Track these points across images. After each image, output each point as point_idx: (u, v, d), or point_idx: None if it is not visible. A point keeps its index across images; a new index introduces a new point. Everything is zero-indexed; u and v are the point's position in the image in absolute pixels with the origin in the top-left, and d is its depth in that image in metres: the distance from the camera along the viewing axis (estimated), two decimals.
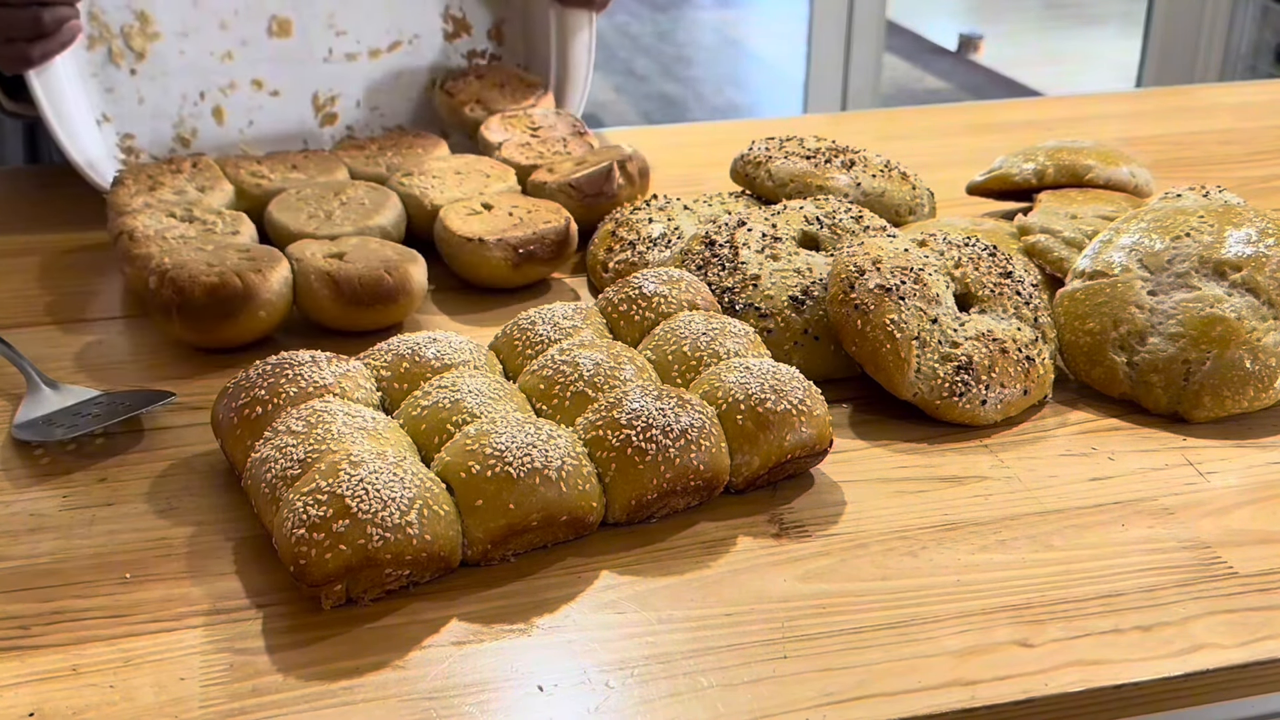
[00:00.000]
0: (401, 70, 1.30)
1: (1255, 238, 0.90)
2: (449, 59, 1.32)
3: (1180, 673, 0.66)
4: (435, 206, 1.07)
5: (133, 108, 1.20)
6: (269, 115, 1.25)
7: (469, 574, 0.72)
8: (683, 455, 0.75)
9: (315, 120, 1.27)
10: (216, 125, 1.23)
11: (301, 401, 0.78)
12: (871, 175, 1.10)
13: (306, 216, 1.05)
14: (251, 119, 1.24)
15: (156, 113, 1.21)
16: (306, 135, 1.27)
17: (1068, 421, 0.88)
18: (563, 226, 1.04)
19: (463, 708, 0.63)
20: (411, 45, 1.29)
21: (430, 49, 1.30)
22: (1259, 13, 3.42)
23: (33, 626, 0.68)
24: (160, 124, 1.22)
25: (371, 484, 0.68)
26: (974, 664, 0.66)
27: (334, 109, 1.27)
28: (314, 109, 1.26)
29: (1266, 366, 0.86)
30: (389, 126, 1.30)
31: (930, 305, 0.88)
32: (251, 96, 1.24)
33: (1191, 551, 0.74)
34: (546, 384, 0.80)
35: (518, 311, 0.95)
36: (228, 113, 1.24)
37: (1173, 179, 1.28)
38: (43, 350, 0.95)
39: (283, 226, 1.04)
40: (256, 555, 0.73)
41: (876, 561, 0.73)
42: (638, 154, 1.17)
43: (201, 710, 0.62)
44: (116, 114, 1.20)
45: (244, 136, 1.24)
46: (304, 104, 1.26)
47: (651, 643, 0.67)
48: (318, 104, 1.26)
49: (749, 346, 0.84)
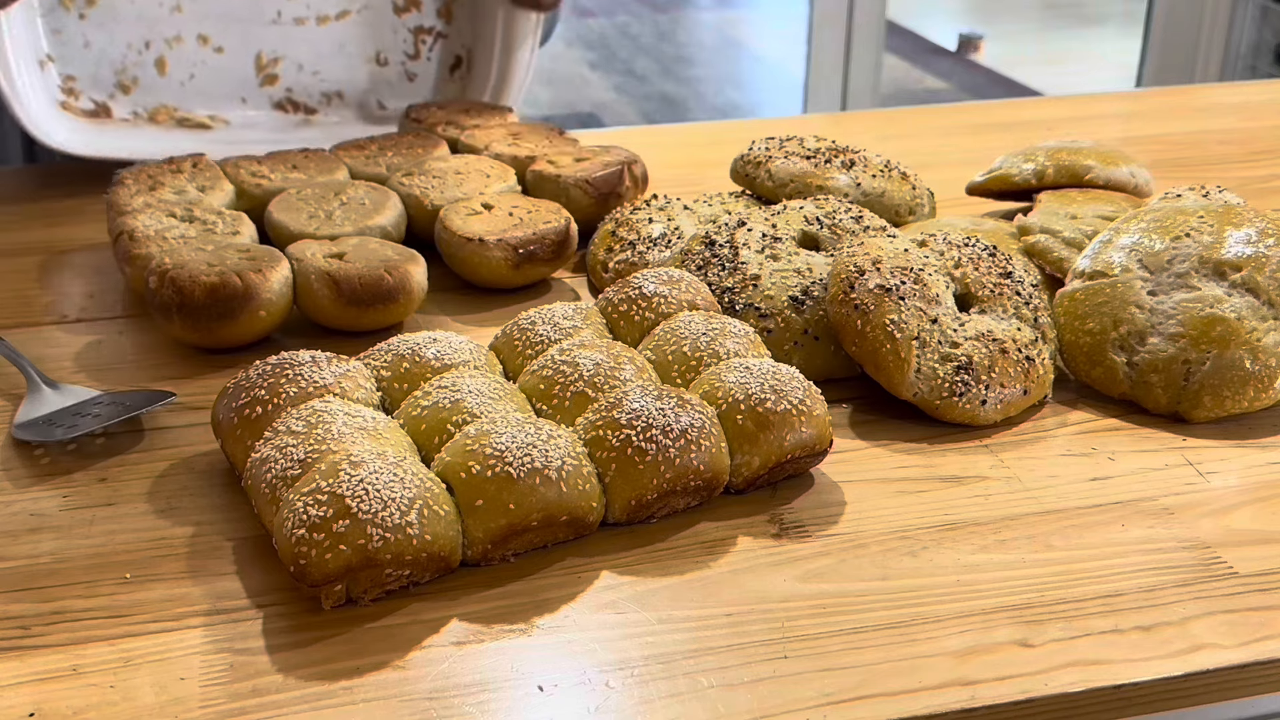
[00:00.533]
0: (347, 40, 1.31)
1: (1255, 238, 0.90)
2: (396, 33, 1.33)
3: (1180, 673, 0.66)
4: (436, 206, 1.07)
5: (78, 51, 1.22)
6: (210, 71, 1.26)
7: (469, 574, 0.72)
8: (683, 455, 0.75)
9: (256, 80, 1.28)
10: (158, 76, 1.25)
11: (301, 401, 0.78)
12: (871, 175, 1.10)
13: (307, 216, 1.04)
14: (193, 73, 1.25)
15: (100, 59, 1.23)
16: (246, 94, 1.27)
17: (1068, 421, 0.88)
18: (563, 226, 1.04)
19: (463, 708, 0.63)
20: (360, 15, 1.30)
21: (379, 21, 1.32)
22: (1259, 13, 3.42)
23: (33, 626, 0.68)
24: (103, 70, 1.24)
25: (372, 484, 0.68)
26: (974, 664, 0.66)
27: (276, 70, 1.28)
28: (256, 69, 1.27)
29: (1266, 366, 0.86)
30: (329, 92, 1.31)
31: (930, 305, 0.88)
32: (196, 51, 1.25)
33: (1191, 551, 0.74)
34: (546, 384, 0.80)
35: (518, 311, 0.96)
36: (170, 65, 1.24)
37: (1173, 179, 1.28)
38: (43, 350, 0.95)
39: (283, 226, 1.04)
40: (256, 555, 0.73)
41: (876, 561, 0.73)
42: (639, 158, 1.18)
43: (202, 710, 0.62)
44: (60, 55, 1.21)
45: (184, 90, 1.25)
46: (247, 63, 1.27)
47: (651, 643, 0.67)
48: (260, 64, 1.27)
49: (749, 346, 0.84)
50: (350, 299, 0.95)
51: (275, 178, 1.11)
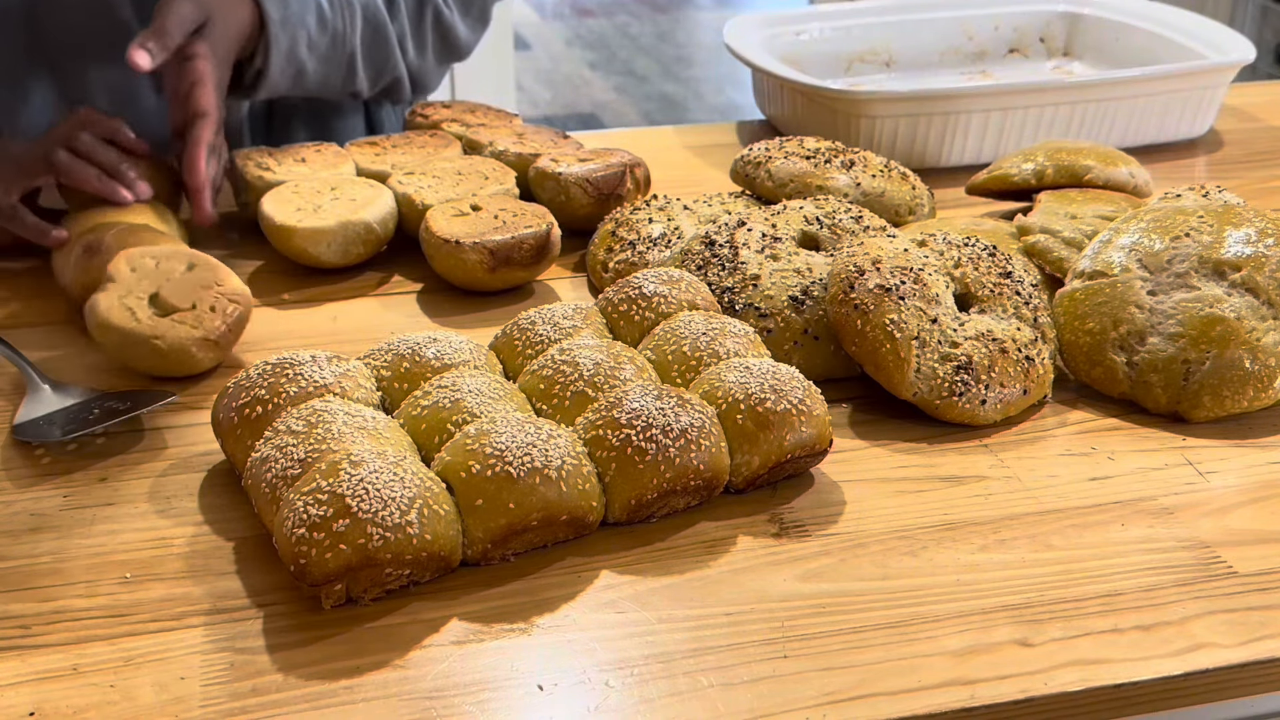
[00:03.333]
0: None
1: (1255, 238, 0.90)
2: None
3: (1180, 672, 0.66)
4: (426, 206, 1.07)
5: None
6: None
7: (469, 574, 0.72)
8: (683, 455, 0.75)
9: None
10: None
11: (302, 401, 0.78)
12: (871, 175, 1.10)
13: (295, 209, 1.05)
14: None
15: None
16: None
17: (1067, 421, 0.88)
18: (543, 232, 1.03)
19: (463, 707, 0.63)
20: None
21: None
22: (1259, 13, 3.42)
23: (33, 626, 0.68)
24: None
25: (372, 484, 0.68)
26: (974, 663, 0.66)
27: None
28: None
29: (1266, 366, 0.86)
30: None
31: (930, 305, 0.88)
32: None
33: (1191, 551, 0.74)
34: (546, 384, 0.80)
35: (516, 311, 0.95)
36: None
37: (1172, 179, 1.28)
38: (43, 350, 0.95)
39: (269, 219, 1.04)
40: (256, 555, 0.73)
41: (876, 561, 0.73)
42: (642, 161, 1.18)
43: (202, 710, 0.62)
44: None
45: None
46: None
47: (651, 642, 0.67)
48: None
49: (749, 346, 0.84)
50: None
51: (280, 171, 1.12)
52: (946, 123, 1.27)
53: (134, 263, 0.92)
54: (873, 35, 1.53)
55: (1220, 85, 1.36)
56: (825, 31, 1.51)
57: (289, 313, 1.02)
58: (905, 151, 1.28)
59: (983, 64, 1.56)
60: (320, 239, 1.04)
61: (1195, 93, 1.35)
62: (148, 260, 0.93)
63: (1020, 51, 1.57)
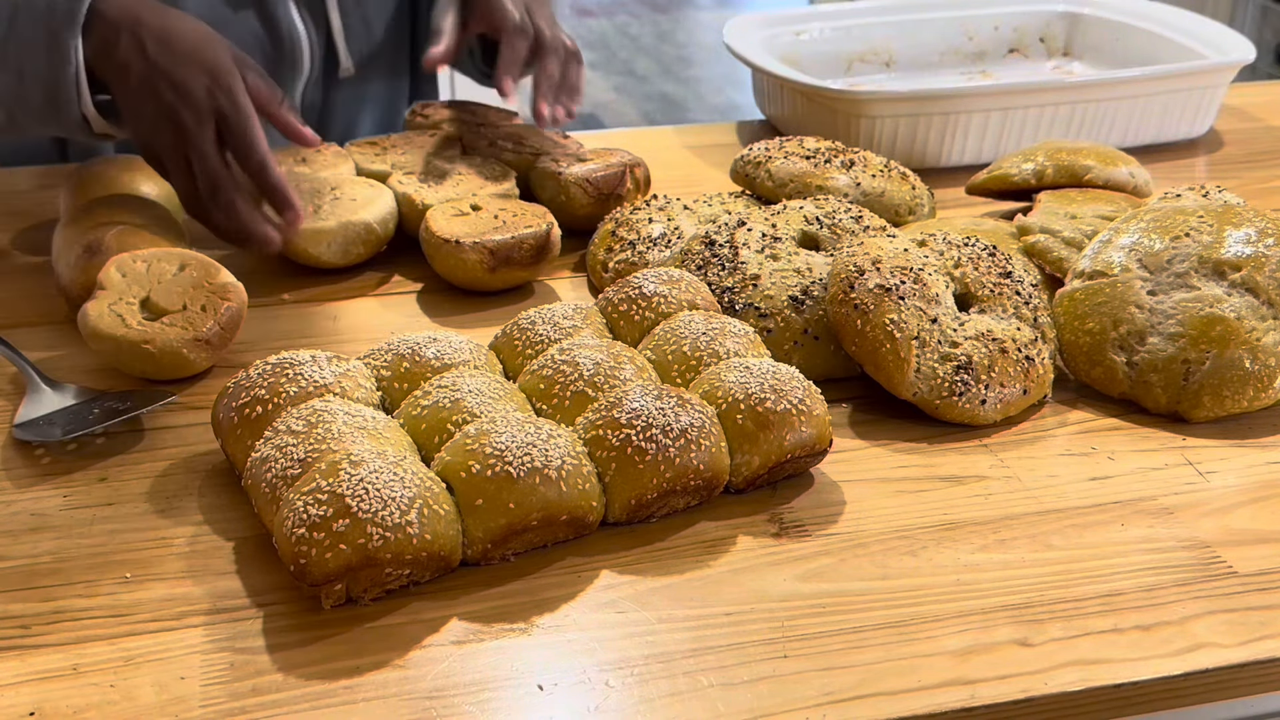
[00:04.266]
0: None
1: (1255, 238, 0.90)
2: None
3: (1180, 672, 0.66)
4: (426, 205, 1.07)
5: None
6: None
7: (469, 573, 0.72)
8: (683, 455, 0.75)
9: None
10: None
11: (301, 401, 0.78)
12: (871, 175, 1.10)
13: None
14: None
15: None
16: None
17: (1067, 421, 0.88)
18: (543, 232, 1.03)
19: (463, 707, 0.63)
20: None
21: None
22: (1259, 13, 3.42)
23: (33, 626, 0.68)
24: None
25: (372, 483, 0.68)
26: (974, 663, 0.66)
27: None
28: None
29: (1266, 366, 0.86)
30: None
31: (930, 305, 0.88)
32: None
33: (1191, 551, 0.74)
34: (546, 384, 0.80)
35: (516, 311, 0.95)
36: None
37: (1172, 179, 1.28)
38: (43, 350, 0.95)
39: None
40: (256, 555, 0.73)
41: (876, 561, 0.73)
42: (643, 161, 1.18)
43: (202, 709, 0.62)
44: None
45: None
46: None
47: (651, 642, 0.67)
48: None
49: (749, 346, 0.84)
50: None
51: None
52: (946, 123, 1.27)
53: (124, 268, 0.92)
54: (873, 35, 1.53)
55: (1220, 85, 1.36)
56: (825, 31, 1.51)
57: (289, 313, 1.02)
58: (905, 151, 1.28)
59: (983, 64, 1.56)
60: (320, 239, 1.04)
61: (1195, 93, 1.35)
62: (138, 264, 0.93)
63: (1020, 52, 1.57)
